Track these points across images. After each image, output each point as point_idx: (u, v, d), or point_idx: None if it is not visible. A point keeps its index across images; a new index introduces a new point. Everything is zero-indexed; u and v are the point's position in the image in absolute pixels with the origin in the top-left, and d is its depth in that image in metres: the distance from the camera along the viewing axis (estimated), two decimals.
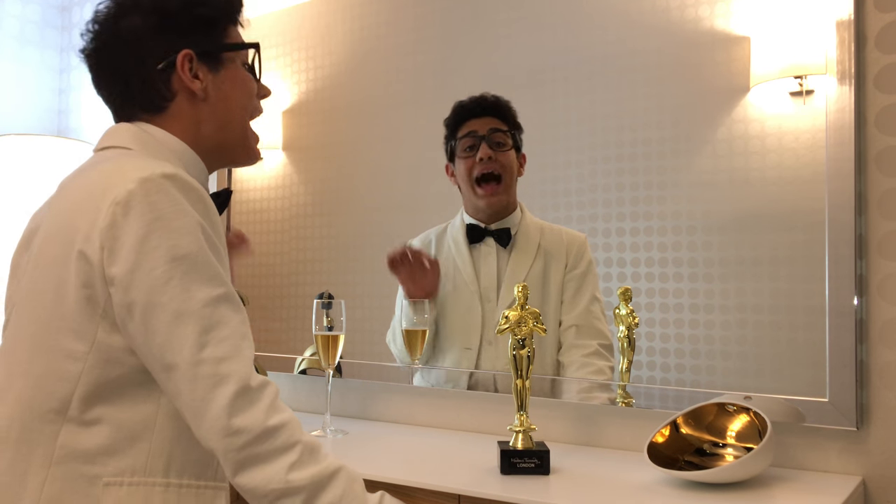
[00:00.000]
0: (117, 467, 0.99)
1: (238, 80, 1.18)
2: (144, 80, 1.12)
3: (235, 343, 0.96)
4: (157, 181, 0.97)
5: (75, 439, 0.99)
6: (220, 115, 1.16)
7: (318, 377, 2.07)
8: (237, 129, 1.19)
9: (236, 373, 0.94)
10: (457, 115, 1.86)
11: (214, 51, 1.14)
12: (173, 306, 0.94)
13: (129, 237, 0.95)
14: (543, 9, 1.78)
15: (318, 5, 2.14)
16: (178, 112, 1.13)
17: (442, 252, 1.88)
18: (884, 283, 1.41)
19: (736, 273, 1.52)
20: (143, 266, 0.95)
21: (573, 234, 1.73)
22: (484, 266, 1.83)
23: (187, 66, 1.11)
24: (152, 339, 0.95)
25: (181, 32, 1.12)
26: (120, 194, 0.96)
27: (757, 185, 1.51)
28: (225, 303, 0.98)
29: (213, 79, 1.14)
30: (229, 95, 1.16)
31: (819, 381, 1.43)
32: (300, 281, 2.14)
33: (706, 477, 1.29)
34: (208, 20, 1.15)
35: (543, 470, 1.38)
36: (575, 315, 1.73)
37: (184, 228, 0.97)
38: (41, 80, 2.75)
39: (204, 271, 0.97)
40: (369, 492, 1.07)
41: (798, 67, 1.48)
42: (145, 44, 1.11)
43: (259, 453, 0.94)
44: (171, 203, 0.97)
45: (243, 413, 0.93)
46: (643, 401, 1.61)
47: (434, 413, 1.88)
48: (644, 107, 1.64)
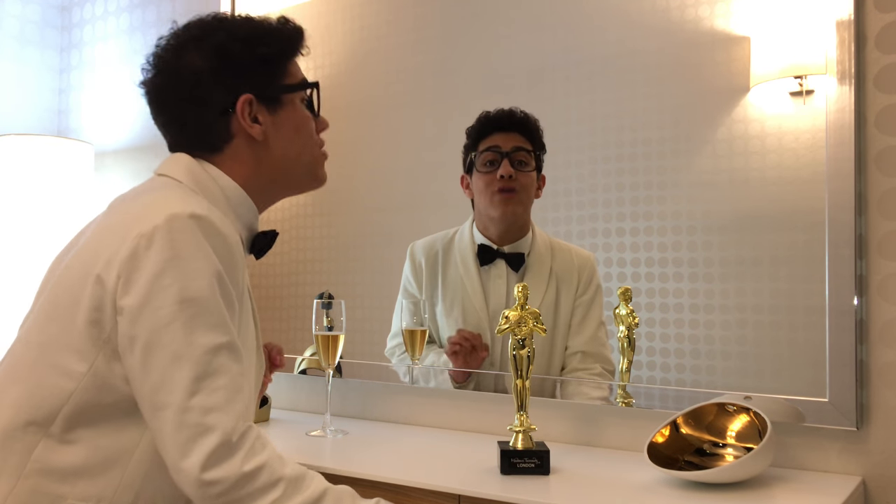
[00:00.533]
0: (85, 492, 0.99)
1: (297, 120, 1.17)
2: (203, 123, 1.12)
3: (227, 395, 0.96)
4: (183, 220, 0.98)
5: (50, 455, 0.99)
6: (282, 153, 1.15)
7: (318, 377, 2.07)
8: (301, 166, 1.19)
9: (220, 426, 0.94)
10: (482, 125, 1.79)
11: (274, 93, 1.14)
12: (173, 348, 0.94)
13: (145, 272, 0.95)
14: (543, 9, 1.78)
15: (318, 5, 2.14)
16: (235, 154, 1.13)
17: (449, 270, 1.84)
18: (884, 283, 1.41)
19: (736, 273, 1.52)
20: (151, 303, 0.95)
21: (583, 255, 1.69)
22: (493, 290, 1.78)
23: (247, 110, 1.11)
24: (147, 377, 0.95)
25: (242, 75, 1.11)
26: (146, 228, 0.97)
27: (757, 185, 1.51)
28: (226, 352, 0.97)
29: (272, 121, 1.14)
30: (290, 134, 1.16)
31: (819, 381, 1.43)
32: (300, 281, 2.14)
33: (706, 477, 1.29)
34: (268, 60, 1.14)
35: (543, 470, 1.38)
36: (582, 341, 1.71)
37: (198, 272, 0.97)
38: (41, 80, 2.75)
39: (210, 318, 0.97)
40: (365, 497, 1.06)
41: (798, 67, 1.48)
42: (205, 86, 1.10)
43: (239, 497, 0.94)
44: (193, 244, 0.97)
45: (218, 467, 0.93)
46: (643, 401, 1.61)
47: (434, 413, 1.88)
48: (644, 107, 1.64)
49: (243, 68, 1.12)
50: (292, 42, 1.19)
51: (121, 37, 2.61)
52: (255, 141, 1.13)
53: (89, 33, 2.72)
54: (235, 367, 0.98)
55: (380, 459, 1.54)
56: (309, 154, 1.20)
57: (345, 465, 1.42)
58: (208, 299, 0.97)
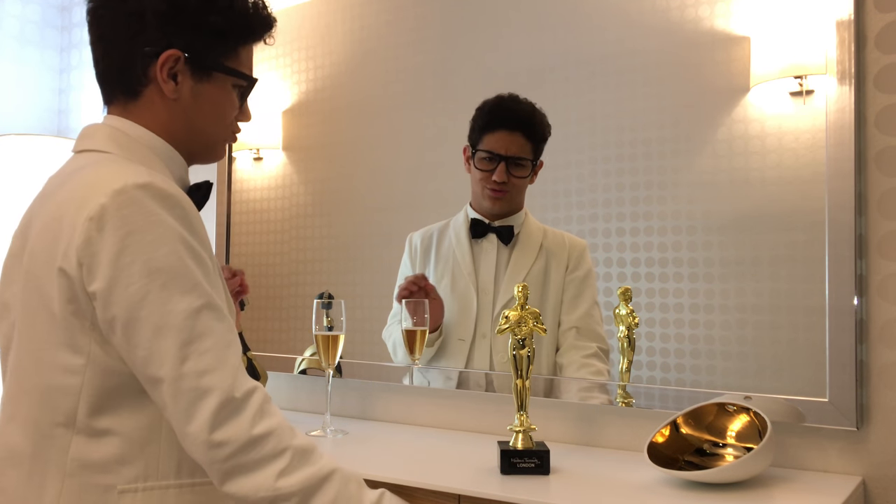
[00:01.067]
0: (130, 475, 1.00)
1: (218, 98, 1.14)
2: (126, 56, 1.08)
3: (218, 354, 0.95)
4: (129, 193, 0.96)
5: (86, 451, 0.99)
6: (190, 121, 1.12)
7: (318, 377, 2.07)
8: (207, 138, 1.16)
9: (218, 385, 0.93)
10: (490, 117, 1.82)
11: (207, 65, 1.11)
12: (153, 320, 0.94)
13: (105, 254, 0.94)
14: (543, 9, 1.78)
15: (318, 5, 2.14)
16: (150, 101, 1.10)
17: (443, 246, 1.89)
18: (884, 283, 1.41)
19: (736, 273, 1.52)
20: (119, 282, 0.94)
21: (574, 238, 1.74)
22: (484, 260, 1.84)
23: (168, 65, 1.08)
24: (135, 353, 0.95)
25: (183, 30, 1.08)
26: (93, 209, 0.95)
27: (757, 185, 1.51)
28: (207, 312, 0.96)
29: (192, 86, 1.11)
30: (204, 108, 1.13)
31: (819, 381, 1.43)
32: (300, 281, 2.14)
33: (706, 477, 1.29)
34: (216, 32, 1.11)
35: (543, 470, 1.38)
36: (576, 317, 1.74)
37: (159, 240, 0.95)
38: (41, 80, 2.75)
39: (182, 283, 0.95)
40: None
41: (798, 67, 1.48)
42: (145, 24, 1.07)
43: (245, 462, 0.93)
44: (145, 215, 0.96)
45: (225, 426, 0.92)
46: (643, 401, 1.61)
47: (434, 413, 1.88)
48: (644, 107, 1.64)
49: (188, 26, 1.08)
50: (253, 27, 1.15)
51: None
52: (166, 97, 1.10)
53: None
54: (219, 326, 0.97)
55: (380, 459, 1.54)
56: (216, 133, 1.16)
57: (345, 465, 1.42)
58: (175, 265, 0.96)
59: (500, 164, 1.78)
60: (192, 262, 0.98)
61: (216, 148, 1.19)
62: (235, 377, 0.95)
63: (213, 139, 1.17)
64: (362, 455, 1.56)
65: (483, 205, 1.84)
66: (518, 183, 1.80)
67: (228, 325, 0.99)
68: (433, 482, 1.33)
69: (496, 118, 1.81)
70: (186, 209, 1.00)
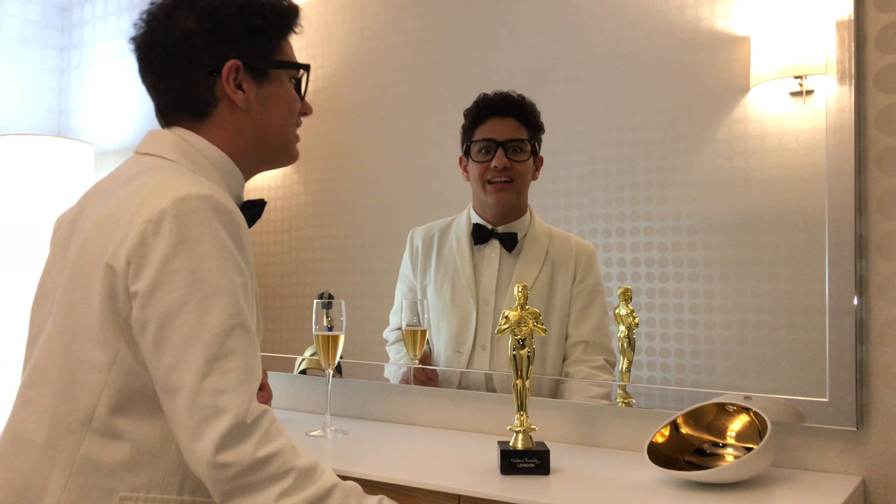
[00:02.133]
0: (135, 483, 1.00)
1: (282, 95, 1.18)
2: (190, 85, 1.12)
3: (240, 376, 0.96)
4: (191, 202, 0.97)
5: (97, 451, 1.00)
6: (260, 127, 1.16)
7: (318, 377, 2.07)
8: (277, 140, 1.19)
9: (234, 407, 0.94)
10: (479, 109, 1.80)
11: (262, 65, 1.15)
12: (185, 331, 0.94)
13: (154, 256, 0.95)
14: (543, 9, 1.78)
15: (318, 5, 2.14)
16: (220, 119, 1.14)
17: (444, 249, 1.86)
18: (884, 283, 1.41)
19: (736, 273, 1.52)
20: (162, 286, 0.95)
21: (582, 243, 1.70)
22: (485, 269, 1.80)
23: (233, 76, 1.12)
24: (160, 360, 0.95)
25: (232, 41, 1.12)
26: (153, 212, 0.97)
27: (757, 185, 1.51)
28: (239, 332, 0.97)
29: (256, 91, 1.14)
30: (271, 109, 1.17)
31: (819, 381, 1.43)
32: (300, 281, 2.14)
33: (706, 477, 1.29)
34: (260, 31, 1.14)
35: (543, 470, 1.38)
36: (585, 332, 1.71)
37: (208, 253, 0.97)
38: (41, 80, 2.75)
39: (222, 298, 0.96)
40: (368, 493, 1.07)
41: (798, 67, 1.48)
42: (196, 48, 1.11)
43: (248, 483, 0.94)
44: (201, 226, 0.97)
45: (232, 449, 0.93)
46: (643, 401, 1.61)
47: (434, 413, 1.88)
48: (644, 107, 1.64)
49: (234, 35, 1.12)
50: (286, 18, 1.19)
51: (121, 37, 2.61)
52: (238, 108, 1.14)
53: (89, 33, 2.72)
54: (249, 349, 0.98)
55: (380, 459, 1.54)
56: (285, 132, 1.20)
57: (345, 465, 1.42)
58: (218, 280, 0.97)
59: (498, 150, 1.75)
60: (237, 280, 0.99)
61: (289, 148, 1.22)
62: (250, 402, 0.96)
63: (284, 139, 1.20)
64: (362, 455, 1.56)
65: (487, 202, 1.79)
66: (520, 169, 1.75)
67: (255, 350, 1.01)
68: (433, 482, 1.33)
69: (485, 109, 1.80)
70: (240, 227, 1.02)
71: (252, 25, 1.14)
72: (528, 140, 1.75)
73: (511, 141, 1.75)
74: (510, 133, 1.76)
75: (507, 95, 1.78)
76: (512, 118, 1.77)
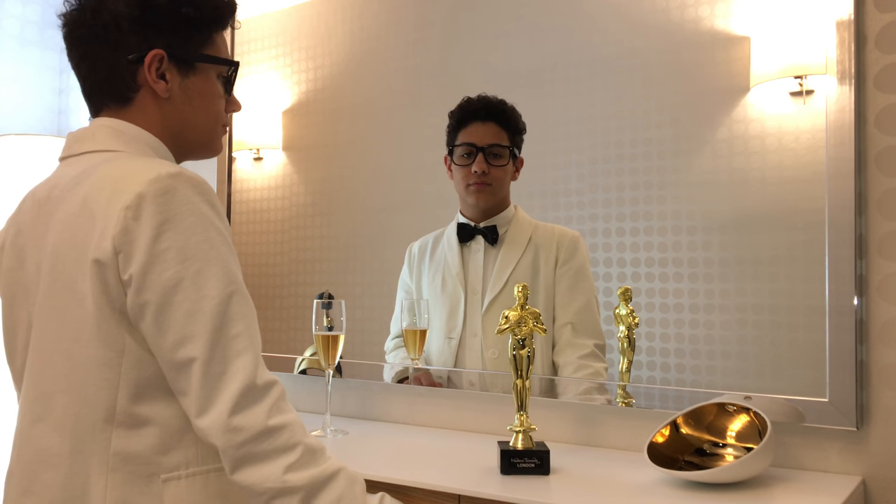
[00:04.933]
0: (172, 462, 1.01)
1: (207, 90, 1.16)
2: (112, 68, 1.11)
3: (245, 340, 0.98)
4: (164, 181, 0.98)
5: (127, 443, 1.00)
6: (183, 117, 1.15)
7: (318, 377, 2.07)
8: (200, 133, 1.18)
9: (244, 369, 0.96)
10: (462, 113, 1.86)
11: (188, 58, 1.13)
12: (186, 306, 0.96)
13: (141, 240, 0.96)
14: (543, 9, 1.78)
15: (318, 5, 2.14)
16: (142, 106, 1.12)
17: (437, 251, 1.91)
18: (884, 283, 1.41)
19: (736, 273, 1.52)
20: (154, 268, 0.96)
21: (565, 230, 1.74)
22: (472, 262, 1.86)
23: (155, 65, 1.10)
24: (164, 338, 0.96)
25: (160, 29, 1.11)
26: (129, 199, 0.97)
27: (757, 185, 1.51)
28: (237, 297, 0.99)
29: (180, 82, 1.13)
30: (195, 101, 1.15)
31: (819, 381, 1.43)
32: (300, 281, 2.14)
33: (706, 477, 1.29)
34: (191, 23, 1.13)
35: (543, 470, 1.38)
36: (572, 312, 1.73)
37: (193, 227, 0.98)
38: (41, 80, 2.75)
39: (215, 269, 0.98)
40: (370, 492, 1.07)
41: (798, 67, 1.48)
42: (122, 32, 1.09)
43: (257, 452, 0.95)
44: (180, 202, 0.98)
45: (245, 412, 0.94)
46: (643, 401, 1.61)
47: (434, 413, 1.88)
48: (644, 107, 1.64)
49: (163, 24, 1.11)
50: (220, 12, 1.18)
51: None
52: (160, 97, 1.13)
53: None
54: (248, 312, 1.00)
55: (380, 459, 1.54)
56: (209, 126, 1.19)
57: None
58: (208, 251, 0.98)
59: (478, 155, 1.80)
60: (224, 249, 1.00)
61: (212, 141, 1.21)
62: (258, 364, 0.98)
63: (207, 132, 1.19)
64: (362, 455, 1.56)
65: (468, 202, 1.85)
66: (499, 174, 1.81)
67: (253, 312, 1.02)
68: (433, 482, 1.33)
69: (467, 113, 1.85)
70: (213, 195, 1.03)
71: (183, 15, 1.12)
72: (507, 146, 1.80)
73: (491, 146, 1.80)
74: (490, 138, 1.81)
75: (488, 101, 1.83)
76: (493, 123, 1.82)
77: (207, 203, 1.00)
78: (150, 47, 1.10)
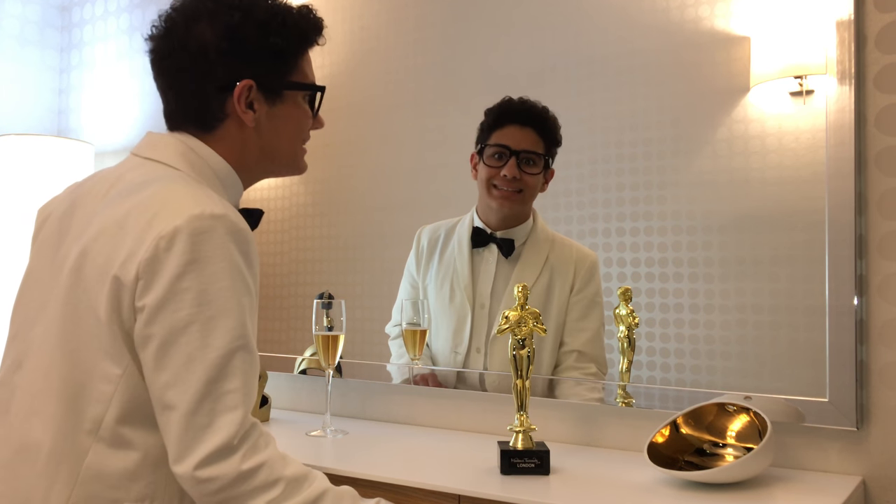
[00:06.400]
0: (138, 493, 1.00)
1: (293, 115, 1.17)
2: (200, 97, 1.11)
3: (237, 398, 0.96)
4: (205, 221, 0.97)
5: (102, 461, 0.99)
6: (268, 144, 1.15)
7: (318, 377, 2.07)
8: (284, 157, 1.19)
9: (228, 426, 0.94)
10: (500, 112, 1.77)
11: (276, 86, 1.13)
12: (188, 350, 0.95)
13: (166, 273, 0.95)
14: (543, 9, 1.78)
15: (318, 5, 2.14)
16: (226, 134, 1.13)
17: (447, 250, 1.86)
18: (884, 283, 1.41)
19: (736, 273, 1.52)
20: (170, 304, 0.95)
21: (584, 251, 1.69)
22: (483, 272, 1.80)
23: (245, 95, 1.10)
24: (159, 375, 0.95)
25: (249, 59, 1.10)
26: (166, 229, 0.96)
27: (757, 185, 1.51)
28: (241, 354, 0.97)
29: (267, 111, 1.13)
30: (280, 129, 1.16)
31: (819, 381, 1.43)
32: (300, 281, 2.14)
33: (706, 477, 1.29)
34: (279, 52, 1.13)
35: (543, 470, 1.38)
36: (580, 342, 1.71)
37: (219, 273, 0.97)
38: (41, 80, 2.75)
39: (228, 321, 0.96)
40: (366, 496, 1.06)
41: (798, 67, 1.48)
42: (210, 62, 1.09)
43: (235, 496, 0.94)
44: (214, 246, 0.97)
45: (216, 465, 0.93)
46: (643, 401, 1.61)
47: (434, 413, 1.88)
48: (644, 107, 1.64)
49: (251, 54, 1.10)
50: (308, 36, 1.18)
51: (121, 37, 2.61)
52: (245, 126, 1.13)
53: (89, 33, 2.72)
54: (249, 371, 0.99)
55: (380, 459, 1.54)
56: (292, 148, 1.20)
57: (345, 465, 1.42)
58: (228, 302, 0.97)
59: (510, 159, 1.72)
60: (245, 301, 0.99)
61: (297, 162, 1.23)
62: (244, 421, 0.96)
63: (290, 154, 1.20)
64: (362, 455, 1.56)
65: (490, 207, 1.78)
66: (530, 182, 1.74)
67: (256, 370, 1.01)
68: (433, 482, 1.33)
69: (507, 113, 1.77)
70: (251, 245, 1.02)
71: (271, 45, 1.11)
72: (543, 155, 1.73)
73: (526, 152, 1.73)
74: (527, 144, 1.74)
75: (532, 105, 1.74)
76: (531, 129, 1.74)
77: (241, 252, 0.99)
78: (238, 77, 1.09)
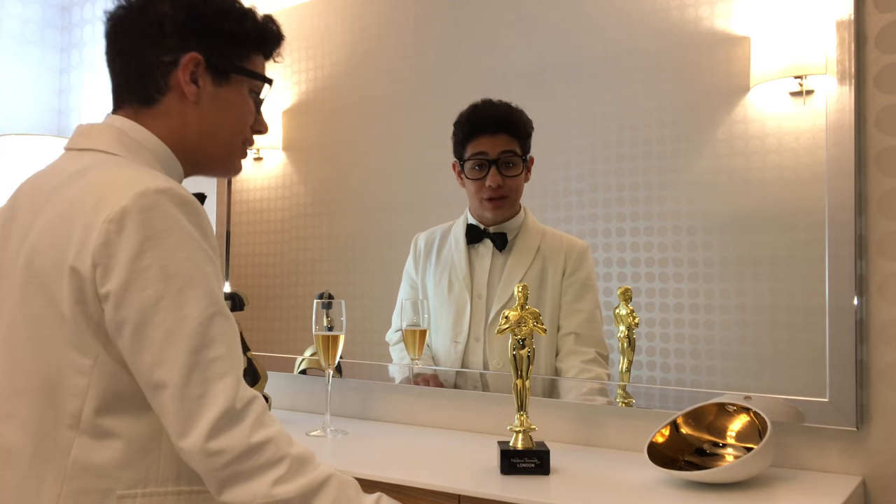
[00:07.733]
0: (130, 480, 0.99)
1: (236, 102, 1.16)
2: (146, 65, 1.11)
3: (226, 363, 0.95)
4: (151, 196, 0.96)
5: (88, 454, 0.98)
6: (206, 125, 1.14)
7: (318, 377, 2.07)
8: (221, 146, 1.17)
9: (224, 393, 0.93)
10: (469, 126, 1.82)
11: (224, 67, 1.13)
12: (165, 326, 0.94)
13: (122, 255, 0.94)
14: (543, 9, 1.78)
15: (318, 5, 2.14)
16: (166, 109, 1.12)
17: (444, 249, 1.89)
18: (884, 283, 1.41)
19: (736, 273, 1.52)
20: (134, 285, 0.94)
21: (574, 240, 1.72)
22: (479, 265, 1.84)
23: (190, 68, 1.10)
24: (142, 357, 0.94)
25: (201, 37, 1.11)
26: (113, 211, 0.95)
27: (757, 185, 1.51)
28: (219, 319, 0.97)
29: (212, 90, 1.13)
30: (222, 112, 1.15)
31: (819, 381, 1.43)
32: (300, 281, 2.14)
33: (706, 477, 1.29)
34: (233, 37, 1.14)
35: (543, 470, 1.38)
36: (576, 323, 1.73)
37: (177, 245, 0.96)
38: (41, 80, 2.75)
39: (197, 289, 0.96)
40: (368, 492, 1.06)
41: (798, 67, 1.48)
42: (164, 33, 1.10)
43: (242, 470, 0.93)
44: (165, 220, 0.96)
45: (224, 435, 0.92)
46: (643, 401, 1.61)
47: (434, 413, 1.88)
48: (644, 107, 1.64)
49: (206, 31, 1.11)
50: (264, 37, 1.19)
51: None
52: (187, 101, 1.12)
53: (89, 33, 2.72)
54: (230, 334, 0.98)
55: (380, 459, 1.54)
56: (231, 139, 1.18)
57: (345, 465, 1.42)
58: (191, 271, 0.96)
59: (491, 168, 1.78)
60: (209, 269, 0.98)
61: (231, 157, 1.20)
62: (238, 387, 0.95)
63: (228, 147, 1.18)
64: (362, 455, 1.56)
65: (484, 215, 1.83)
66: (513, 184, 1.79)
67: (236, 334, 1.00)
68: (433, 482, 1.33)
69: (476, 125, 1.82)
70: (202, 216, 1.01)
71: (226, 29, 1.13)
72: (520, 154, 1.78)
73: (504, 153, 1.78)
74: (502, 148, 1.78)
75: (496, 111, 1.80)
76: (502, 134, 1.79)
77: (194, 222, 0.98)
78: (188, 50, 1.10)
